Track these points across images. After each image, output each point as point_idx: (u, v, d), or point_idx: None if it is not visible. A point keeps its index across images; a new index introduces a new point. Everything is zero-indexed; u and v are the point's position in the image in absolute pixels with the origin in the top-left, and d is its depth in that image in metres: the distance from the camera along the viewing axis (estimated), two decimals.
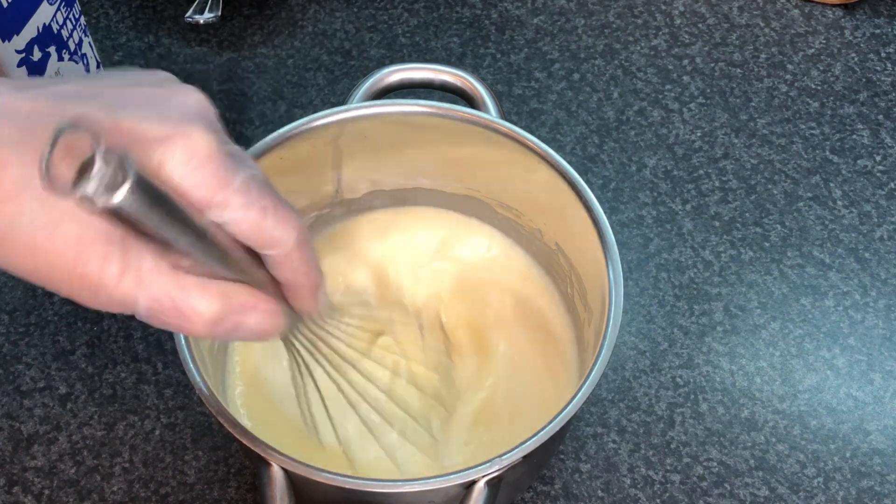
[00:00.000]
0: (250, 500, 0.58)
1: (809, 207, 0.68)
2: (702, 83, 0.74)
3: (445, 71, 0.59)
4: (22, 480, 0.58)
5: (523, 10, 0.78)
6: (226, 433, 0.50)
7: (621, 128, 0.72)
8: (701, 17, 0.77)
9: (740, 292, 0.65)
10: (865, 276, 0.66)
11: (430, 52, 0.75)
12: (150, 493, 0.58)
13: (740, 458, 0.59)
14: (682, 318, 0.64)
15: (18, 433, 0.60)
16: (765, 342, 0.63)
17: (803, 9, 0.78)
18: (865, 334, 0.64)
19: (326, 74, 0.74)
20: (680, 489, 0.58)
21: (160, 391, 0.61)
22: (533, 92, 0.73)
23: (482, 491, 0.46)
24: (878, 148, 0.71)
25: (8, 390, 0.61)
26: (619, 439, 0.60)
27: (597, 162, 0.70)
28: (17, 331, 0.63)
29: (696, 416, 0.60)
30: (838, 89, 0.74)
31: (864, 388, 0.62)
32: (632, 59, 0.75)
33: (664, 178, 0.69)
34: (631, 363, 0.62)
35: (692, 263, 0.66)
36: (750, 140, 0.71)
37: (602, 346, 0.48)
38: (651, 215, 0.68)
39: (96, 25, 0.77)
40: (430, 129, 0.57)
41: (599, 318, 0.51)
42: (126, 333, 0.63)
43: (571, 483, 0.58)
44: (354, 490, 0.46)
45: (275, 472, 0.46)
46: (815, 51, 0.76)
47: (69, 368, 0.62)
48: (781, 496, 0.58)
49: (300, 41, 0.76)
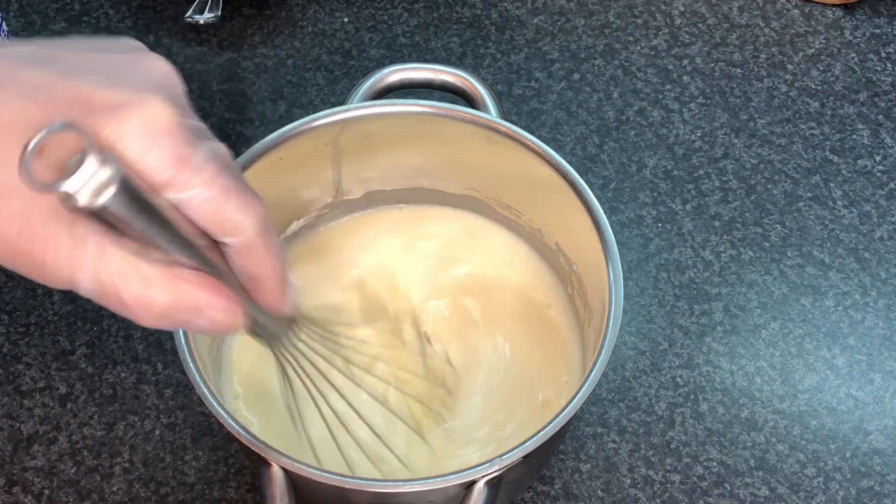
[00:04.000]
0: (250, 500, 0.58)
1: (809, 207, 0.68)
2: (702, 83, 0.74)
3: (445, 71, 0.59)
4: (22, 480, 0.58)
5: (523, 10, 0.78)
6: (226, 433, 0.50)
7: (621, 128, 0.72)
8: (701, 17, 0.77)
9: (740, 292, 0.65)
10: (865, 276, 0.66)
11: (430, 52, 0.75)
12: (150, 493, 0.58)
13: (740, 458, 0.59)
14: (682, 318, 0.64)
15: (18, 433, 0.60)
16: (765, 342, 0.63)
17: (803, 9, 0.78)
18: (865, 334, 0.64)
19: (326, 74, 0.74)
20: (680, 489, 0.58)
21: (160, 391, 0.61)
22: (533, 92, 0.73)
23: (482, 491, 0.46)
24: (878, 148, 0.71)
25: (8, 390, 0.61)
26: (619, 439, 0.60)
27: (597, 162, 0.70)
28: (17, 331, 0.63)
29: (696, 416, 0.60)
30: (838, 89, 0.74)
31: (864, 388, 0.62)
32: (632, 59, 0.75)
33: (664, 178, 0.69)
34: (631, 363, 0.62)
35: (692, 263, 0.66)
36: (750, 140, 0.71)
37: (602, 346, 0.49)
38: (651, 215, 0.68)
39: (96, 25, 0.77)
40: (430, 129, 0.57)
41: (599, 318, 0.51)
42: (126, 333, 0.63)
43: (571, 483, 0.58)
44: (354, 490, 0.46)
45: (275, 472, 0.46)
46: (815, 51, 0.76)
47: (69, 368, 0.62)
48: (781, 496, 0.58)
49: (300, 41, 0.76)
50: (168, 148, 0.32)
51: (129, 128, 0.32)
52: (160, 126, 0.32)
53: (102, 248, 0.32)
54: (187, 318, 0.35)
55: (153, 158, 0.32)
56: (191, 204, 0.33)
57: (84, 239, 0.32)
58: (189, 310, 0.34)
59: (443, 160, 0.60)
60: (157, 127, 0.32)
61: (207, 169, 0.33)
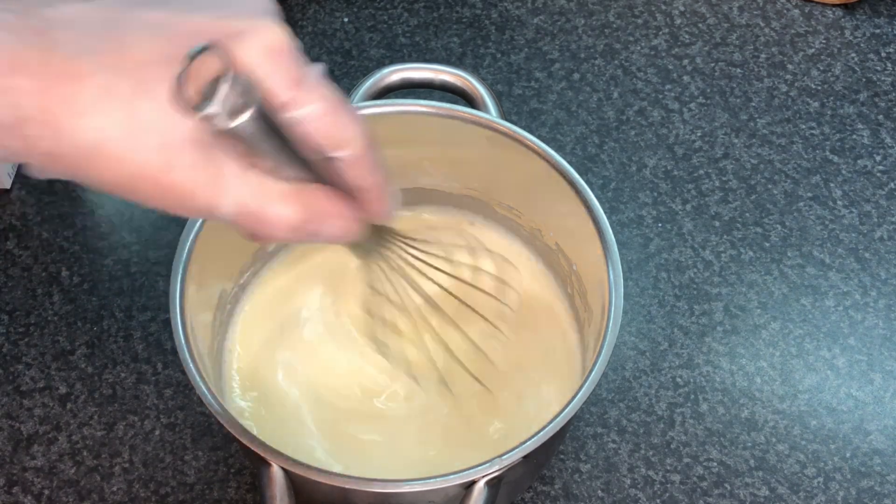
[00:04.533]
0: (250, 500, 0.58)
1: (809, 207, 0.68)
2: (702, 83, 0.74)
3: (445, 71, 0.59)
4: (22, 480, 0.58)
5: (523, 10, 0.78)
6: (226, 433, 0.50)
7: (621, 128, 0.72)
8: (701, 17, 0.77)
9: (740, 292, 0.65)
10: (865, 276, 0.66)
11: (430, 52, 0.75)
12: (149, 493, 0.58)
13: (740, 458, 0.59)
14: (682, 318, 0.64)
15: (18, 433, 0.60)
16: (765, 342, 0.63)
17: (803, 9, 0.78)
18: (865, 334, 0.64)
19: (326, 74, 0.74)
20: (680, 489, 0.58)
21: (160, 391, 0.61)
22: (533, 92, 0.73)
23: (482, 491, 0.46)
24: (878, 148, 0.71)
25: (8, 390, 0.61)
26: (619, 439, 0.60)
27: (597, 162, 0.70)
28: (17, 331, 0.63)
29: (696, 416, 0.60)
30: (838, 89, 0.74)
31: (864, 388, 0.62)
32: (632, 59, 0.75)
33: (664, 178, 0.69)
34: (631, 363, 0.62)
35: (692, 263, 0.66)
36: (750, 140, 0.71)
37: (602, 346, 0.49)
38: (651, 215, 0.68)
39: None
40: (430, 129, 0.57)
41: (599, 318, 0.51)
42: (126, 333, 0.63)
43: (571, 483, 0.58)
44: (354, 490, 0.46)
45: (275, 472, 0.46)
46: (815, 51, 0.76)
47: (69, 368, 0.62)
48: (781, 496, 0.58)
49: (300, 41, 0.76)
50: (289, 69, 0.34)
51: (254, 52, 0.34)
52: (280, 48, 0.34)
53: (240, 170, 0.35)
54: (316, 228, 0.37)
55: (278, 79, 0.34)
56: (308, 120, 0.35)
57: (222, 164, 0.34)
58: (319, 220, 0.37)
59: (443, 160, 0.60)
60: (278, 49, 0.34)
61: (320, 87, 0.36)
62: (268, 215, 0.36)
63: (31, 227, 0.67)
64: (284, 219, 0.36)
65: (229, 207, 0.35)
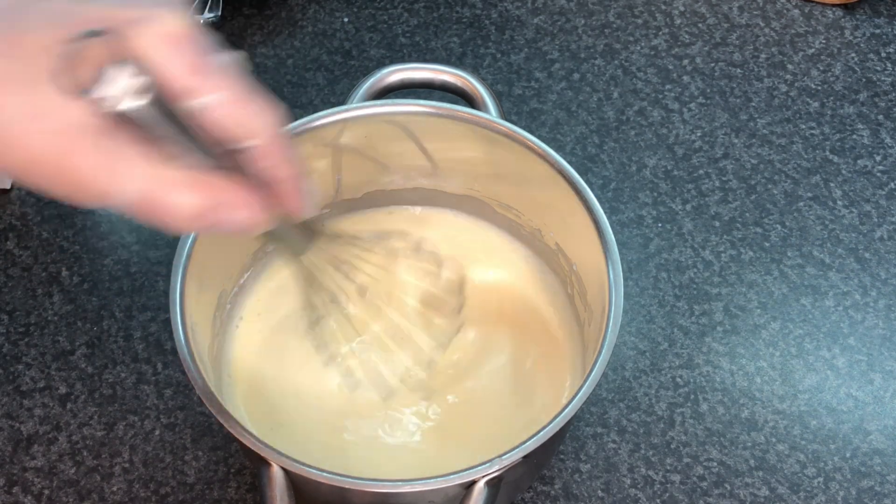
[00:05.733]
0: (250, 500, 0.58)
1: (809, 207, 0.68)
2: (702, 83, 0.74)
3: (445, 71, 0.59)
4: (22, 480, 0.58)
5: (523, 10, 0.78)
6: (226, 433, 0.50)
7: (621, 128, 0.72)
8: (701, 17, 0.77)
9: (740, 292, 0.65)
10: (865, 276, 0.66)
11: (430, 52, 0.75)
12: (149, 493, 0.58)
13: (740, 458, 0.59)
14: (682, 318, 0.64)
15: (18, 433, 0.60)
16: (765, 342, 0.63)
17: (803, 9, 0.78)
18: (865, 334, 0.64)
19: (326, 74, 0.74)
20: (680, 489, 0.58)
21: (160, 391, 0.61)
22: (533, 92, 0.73)
23: (482, 491, 0.46)
24: (878, 148, 0.71)
25: (8, 390, 0.61)
26: (619, 439, 0.60)
27: (597, 162, 0.70)
28: (17, 331, 0.63)
29: (696, 416, 0.60)
30: (838, 89, 0.74)
31: (864, 388, 0.62)
32: (632, 59, 0.75)
33: (664, 178, 0.69)
34: (631, 363, 0.62)
35: (692, 263, 0.66)
36: (750, 140, 0.71)
37: (602, 346, 0.49)
38: (651, 215, 0.68)
39: None
40: (430, 129, 0.57)
41: (599, 318, 0.51)
42: (126, 333, 0.63)
43: (571, 483, 0.58)
44: (354, 490, 0.46)
45: (275, 472, 0.46)
46: (815, 51, 0.76)
47: (69, 368, 0.62)
48: (781, 496, 0.58)
49: (300, 41, 0.76)
50: (187, 55, 0.34)
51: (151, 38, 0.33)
52: (179, 35, 0.34)
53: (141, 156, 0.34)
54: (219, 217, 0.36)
55: (176, 66, 0.34)
56: (210, 109, 0.35)
57: (118, 150, 0.34)
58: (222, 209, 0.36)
59: (443, 160, 0.60)
60: (176, 36, 0.34)
61: (223, 75, 0.35)
62: (167, 203, 0.35)
63: (31, 227, 0.67)
64: (185, 207, 0.35)
65: (129, 194, 0.34)
